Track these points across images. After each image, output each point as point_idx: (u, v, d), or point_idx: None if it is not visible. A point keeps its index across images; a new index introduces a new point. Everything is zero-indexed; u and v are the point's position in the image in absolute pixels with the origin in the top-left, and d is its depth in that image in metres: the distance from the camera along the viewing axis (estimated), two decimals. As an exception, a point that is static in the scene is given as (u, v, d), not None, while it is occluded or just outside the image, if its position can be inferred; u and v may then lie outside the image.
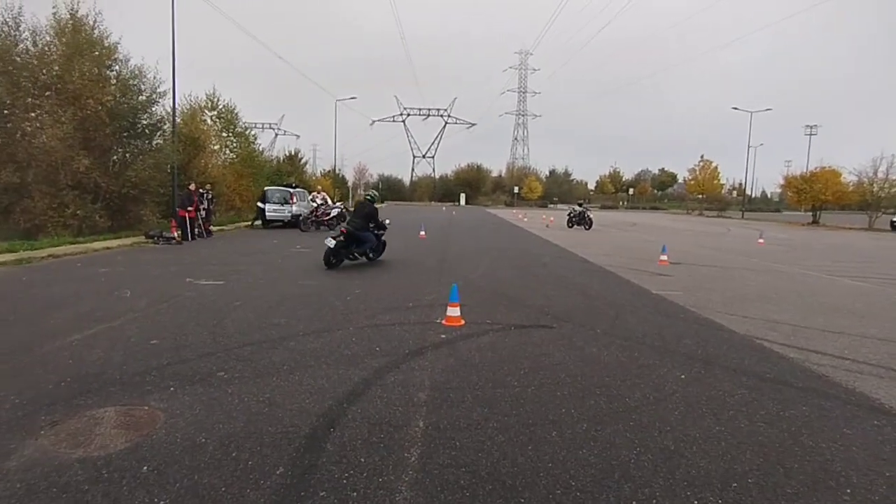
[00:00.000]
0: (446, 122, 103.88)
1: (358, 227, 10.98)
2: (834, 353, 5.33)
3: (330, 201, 24.34)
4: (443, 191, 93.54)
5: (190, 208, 16.20)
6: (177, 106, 18.89)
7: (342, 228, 11.14)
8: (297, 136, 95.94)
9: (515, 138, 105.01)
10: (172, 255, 12.45)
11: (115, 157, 17.22)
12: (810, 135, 60.89)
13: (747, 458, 3.08)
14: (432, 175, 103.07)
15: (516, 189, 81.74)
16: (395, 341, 5.35)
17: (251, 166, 27.42)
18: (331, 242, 10.65)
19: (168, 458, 2.89)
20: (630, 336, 5.76)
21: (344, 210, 25.25)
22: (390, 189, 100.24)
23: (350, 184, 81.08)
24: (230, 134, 27.39)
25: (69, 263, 10.69)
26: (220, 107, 26.73)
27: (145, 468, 2.78)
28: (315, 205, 22.07)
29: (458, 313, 6.12)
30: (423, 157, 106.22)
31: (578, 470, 2.89)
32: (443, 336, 5.57)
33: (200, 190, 17.30)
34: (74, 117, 15.20)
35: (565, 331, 5.91)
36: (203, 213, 17.05)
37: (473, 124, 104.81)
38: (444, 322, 6.07)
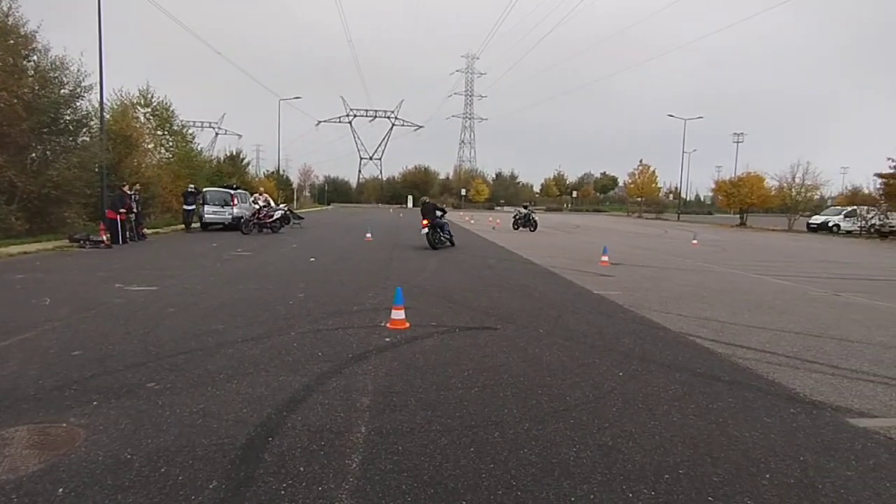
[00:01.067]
0: (393, 124, 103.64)
1: (434, 218, 15.65)
2: (757, 347, 5.67)
3: (273, 203, 23.67)
4: (390, 193, 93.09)
5: (122, 210, 15.31)
6: (105, 101, 17.84)
7: (424, 222, 15.55)
8: (240, 136, 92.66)
9: (462, 141, 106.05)
10: (100, 260, 11.71)
11: (33, 155, 16.06)
12: (737, 142, 64.70)
13: (678, 450, 3.22)
14: (379, 177, 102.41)
15: (463, 191, 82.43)
16: (338, 346, 5.25)
17: (189, 166, 26.27)
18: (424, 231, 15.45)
19: (88, 479, 2.69)
20: (571, 336, 5.91)
21: (288, 212, 24.67)
22: (336, 191, 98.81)
23: (295, 185, 79.26)
24: (166, 132, 26.14)
25: (-19, 270, 9.84)
26: (155, 103, 25.46)
27: (61, 490, 2.58)
28: (257, 207, 21.39)
29: (403, 316, 6.08)
30: (370, 158, 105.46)
31: (520, 469, 2.93)
32: (387, 339, 5.52)
33: (130, 191, 16.37)
34: (-13, 111, 14.04)
35: (509, 332, 5.99)
36: (133, 215, 16.13)
37: (420, 126, 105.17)
38: (388, 325, 6.02)
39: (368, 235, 19.28)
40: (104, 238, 14.44)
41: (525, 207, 28.73)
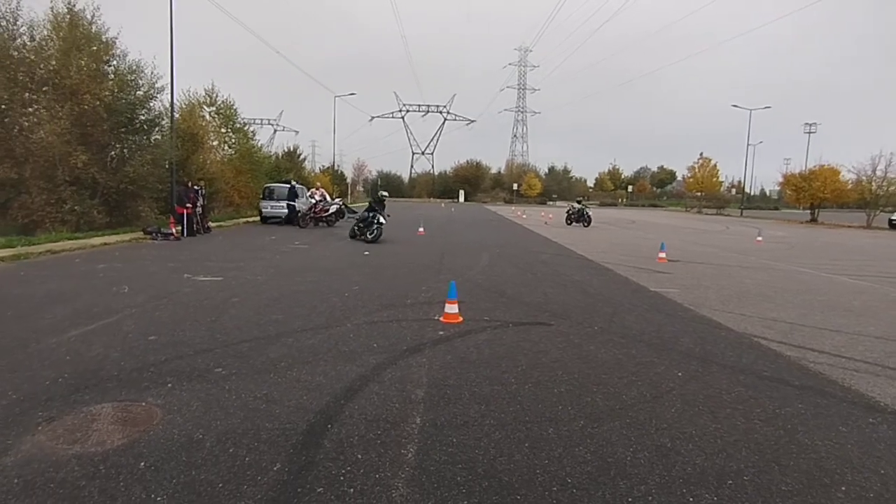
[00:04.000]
0: (445, 119, 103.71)
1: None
2: (831, 351, 5.35)
3: (329, 198, 24.31)
4: (442, 187, 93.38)
5: (188, 205, 16.20)
6: (175, 101, 18.83)
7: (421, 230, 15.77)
8: (296, 132, 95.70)
9: (514, 135, 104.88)
10: (170, 251, 12.43)
11: (112, 153, 17.16)
12: (809, 133, 60.95)
13: (743, 455, 3.09)
14: (431, 172, 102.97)
15: (515, 186, 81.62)
16: (393, 338, 5.36)
17: (250, 162, 27.36)
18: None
19: (165, 455, 2.89)
20: (627, 334, 5.77)
21: (343, 206, 25.27)
22: (389, 185, 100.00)
23: (349, 180, 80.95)
24: (229, 130, 27.31)
25: (67, 259, 10.68)
26: (219, 102, 26.63)
27: (142, 464, 2.79)
28: (314, 201, 22.03)
29: (457, 310, 6.13)
30: (423, 153, 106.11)
31: (575, 467, 2.90)
32: (441, 333, 5.58)
33: (195, 186, 17.24)
34: (72, 112, 15.13)
35: (563, 328, 5.92)
36: (200, 209, 17.01)
37: (473, 121, 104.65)
38: (442, 319, 6.07)
39: (421, 229, 19.48)
40: (174, 231, 15.31)
41: (578, 202, 28.16)
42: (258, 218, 23.52)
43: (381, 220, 15.50)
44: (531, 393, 3.97)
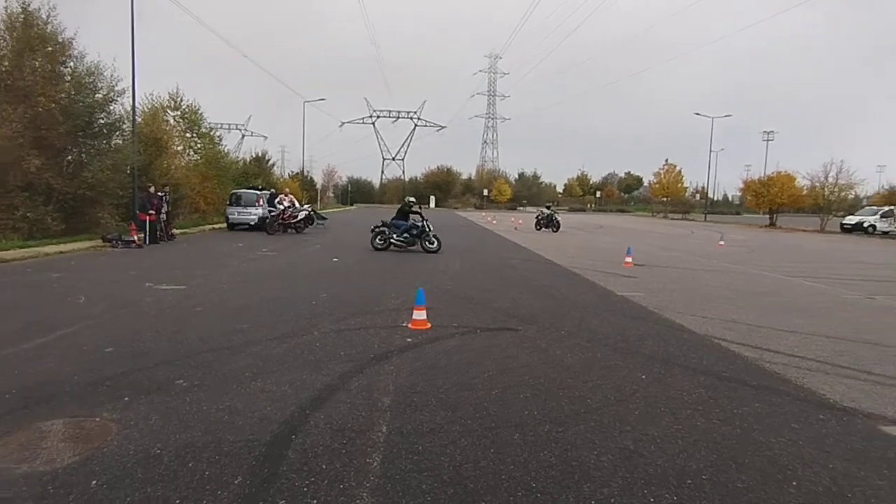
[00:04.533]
0: (416, 125, 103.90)
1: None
2: (786, 351, 5.54)
3: (298, 204, 24.00)
4: (413, 193, 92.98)
5: (151, 211, 15.73)
6: (137, 105, 18.35)
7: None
8: (265, 138, 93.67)
9: (485, 141, 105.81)
10: (132, 260, 12.06)
11: (69, 158, 16.60)
12: (767, 140, 63.25)
13: (702, 454, 3.17)
14: (402, 178, 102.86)
15: (486, 192, 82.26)
16: (360, 346, 5.31)
17: (217, 168, 26.81)
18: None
19: (119, 472, 2.79)
20: (594, 338, 5.86)
21: (312, 213, 24.99)
22: (360, 191, 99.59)
23: (319, 186, 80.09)
24: (194, 134, 26.73)
25: (19, 269, 10.24)
26: (184, 106, 26.06)
27: (94, 482, 2.68)
28: (282, 207, 21.71)
29: (425, 317, 6.12)
30: (393, 159, 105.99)
31: (540, 472, 2.92)
32: (409, 340, 5.56)
33: (159, 192, 16.78)
34: (25, 115, 14.57)
35: (531, 333, 5.98)
36: (164, 215, 16.56)
37: (443, 127, 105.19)
38: (410, 326, 6.06)
39: (391, 236, 19.38)
40: (136, 238, 14.85)
41: (548, 207, 28.54)
42: (225, 225, 23.05)
43: (430, 227, 14.95)
44: (498, 398, 3.99)
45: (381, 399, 3.93)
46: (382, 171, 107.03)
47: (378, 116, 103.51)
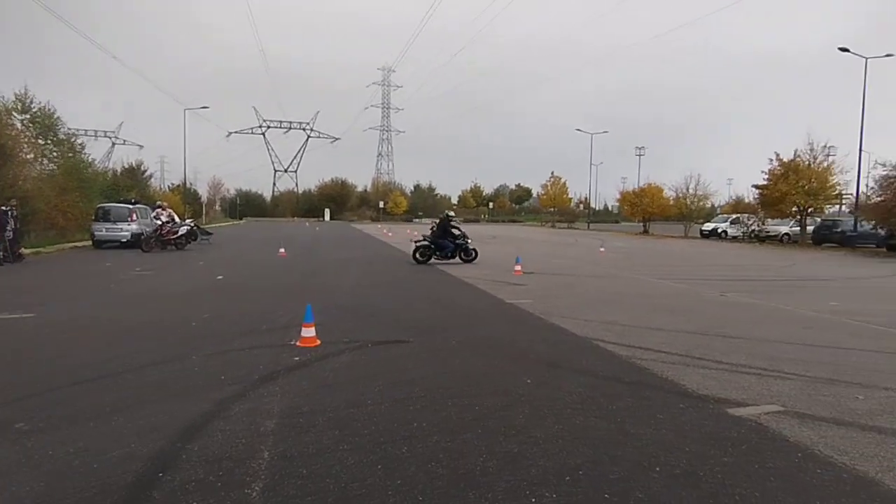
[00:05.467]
0: (309, 136, 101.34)
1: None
2: (655, 347, 6.07)
3: (178, 218, 22.24)
4: (306, 206, 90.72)
5: (-5, 228, 13.69)
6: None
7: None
8: (141, 147, 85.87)
9: (380, 153, 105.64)
10: (-32, 285, 10.40)
11: None
12: (639, 155, 69.65)
13: (581, 451, 3.36)
14: (295, 190, 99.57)
15: (382, 204, 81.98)
16: (244, 368, 5.00)
17: (79, 179, 23.98)
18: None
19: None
20: (483, 345, 6.02)
21: (195, 227, 23.30)
22: (249, 205, 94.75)
23: (204, 199, 75.03)
24: (48, 141, 23.78)
25: None
26: (35, 109, 23.10)
27: None
28: (160, 222, 19.98)
29: (314, 333, 5.91)
30: (286, 171, 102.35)
31: (428, 483, 2.92)
32: (297, 358, 5.34)
33: (3, 207, 14.68)
34: None
35: (422, 344, 6.00)
36: (10, 233, 14.47)
37: (337, 139, 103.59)
38: (298, 343, 5.82)
39: (282, 251, 18.62)
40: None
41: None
42: (90, 242, 20.73)
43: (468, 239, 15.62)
44: (388, 412, 3.94)
45: (265, 423, 3.71)
46: (274, 184, 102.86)
47: (268, 127, 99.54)
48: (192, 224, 23.48)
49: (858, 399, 4.39)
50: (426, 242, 15.18)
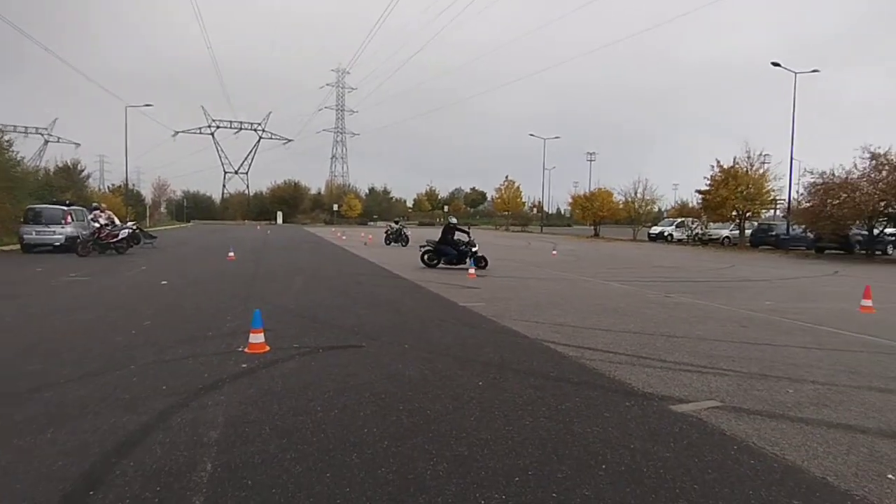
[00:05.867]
0: (261, 137, 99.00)
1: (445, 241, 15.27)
2: (602, 348, 6.24)
3: (118, 221, 21.18)
4: (258, 209, 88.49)
5: None
6: None
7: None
8: (77, 145, 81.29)
9: (334, 156, 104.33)
10: None
11: None
12: (590, 160, 71.93)
13: (529, 452, 3.40)
14: (246, 192, 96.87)
15: (336, 207, 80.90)
16: (186, 377, 4.81)
17: (6, 179, 22.48)
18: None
19: None
20: (435, 349, 6.02)
21: (138, 230, 22.28)
22: (198, 207, 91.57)
23: (148, 201, 71.97)
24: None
25: None
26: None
27: None
28: (98, 225, 18.96)
29: (262, 339, 5.75)
30: (236, 172, 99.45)
31: (376, 490, 2.88)
32: (244, 365, 5.17)
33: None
34: None
35: (374, 349, 5.94)
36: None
37: (290, 140, 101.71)
38: (246, 350, 5.65)
39: (231, 254, 18.05)
40: None
41: (396, 222, 28.99)
42: (18, 246, 19.46)
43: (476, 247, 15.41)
44: (337, 419, 3.87)
45: (208, 434, 3.58)
46: (224, 186, 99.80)
47: (217, 127, 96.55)
48: (135, 227, 22.43)
49: (788, 392, 4.65)
50: (430, 248, 15.54)
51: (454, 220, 16.22)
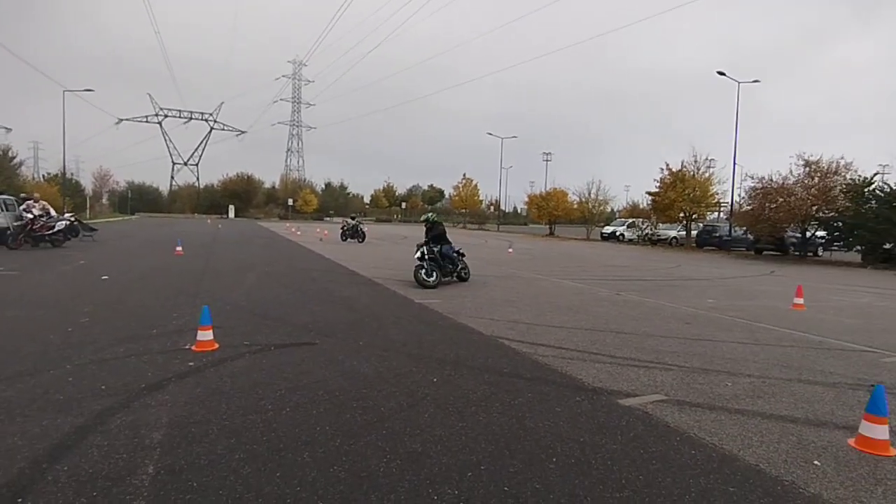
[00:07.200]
0: (212, 128, 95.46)
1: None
2: (555, 344, 6.37)
3: (54, 212, 19.99)
4: (209, 202, 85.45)
5: None
6: None
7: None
8: (8, 130, 76.28)
9: (289, 149, 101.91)
10: None
11: None
12: (547, 160, 73.25)
13: (482, 447, 3.44)
14: (196, 185, 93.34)
15: (291, 202, 79.17)
16: (128, 376, 4.59)
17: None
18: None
19: None
20: (390, 346, 5.99)
21: (76, 223, 21.14)
22: (143, 199, 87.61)
23: (88, 192, 68.36)
24: None
25: None
26: None
27: None
28: (31, 216, 17.83)
29: (211, 337, 5.57)
30: (185, 164, 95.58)
31: (328, 489, 2.84)
32: (190, 364, 4.99)
33: None
34: None
35: (327, 346, 5.85)
36: None
37: (243, 132, 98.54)
38: (193, 348, 5.45)
39: (179, 249, 17.36)
40: None
41: (352, 218, 28.64)
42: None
43: (460, 250, 12.12)
44: (288, 418, 3.79)
45: (150, 435, 3.43)
46: (172, 177, 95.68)
47: (165, 116, 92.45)
48: (73, 218, 21.24)
49: (727, 386, 4.89)
50: (426, 256, 11.17)
51: (432, 215, 12.48)
